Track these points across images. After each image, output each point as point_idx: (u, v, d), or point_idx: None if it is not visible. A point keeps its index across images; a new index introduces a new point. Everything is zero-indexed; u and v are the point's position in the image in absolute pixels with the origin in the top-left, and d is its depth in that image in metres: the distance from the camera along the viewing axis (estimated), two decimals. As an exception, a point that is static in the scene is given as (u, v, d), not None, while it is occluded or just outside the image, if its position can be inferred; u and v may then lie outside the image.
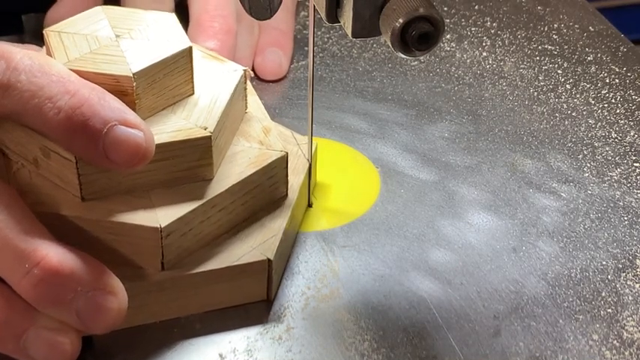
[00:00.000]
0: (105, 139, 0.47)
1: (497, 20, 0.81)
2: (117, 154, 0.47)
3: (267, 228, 0.55)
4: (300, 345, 0.52)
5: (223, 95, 0.54)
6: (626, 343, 0.53)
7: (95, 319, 0.47)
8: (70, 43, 0.52)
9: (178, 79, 0.53)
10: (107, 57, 0.51)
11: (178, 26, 0.54)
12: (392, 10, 0.46)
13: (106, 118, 0.47)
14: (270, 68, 0.72)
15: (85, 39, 0.52)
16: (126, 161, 0.48)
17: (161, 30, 0.54)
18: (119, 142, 0.47)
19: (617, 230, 0.60)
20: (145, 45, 0.52)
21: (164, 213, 0.51)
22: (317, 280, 0.56)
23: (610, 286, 0.56)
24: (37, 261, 0.47)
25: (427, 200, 0.62)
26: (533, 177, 0.64)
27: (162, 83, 0.52)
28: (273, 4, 0.53)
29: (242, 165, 0.54)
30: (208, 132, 0.52)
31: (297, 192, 0.57)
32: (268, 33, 0.73)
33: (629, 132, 0.69)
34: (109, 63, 0.51)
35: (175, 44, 0.53)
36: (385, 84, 0.73)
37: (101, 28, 0.53)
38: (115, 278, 0.48)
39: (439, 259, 0.57)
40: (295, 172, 0.58)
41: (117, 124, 0.47)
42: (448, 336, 0.52)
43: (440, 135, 0.68)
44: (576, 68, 0.75)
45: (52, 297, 0.47)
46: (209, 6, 0.69)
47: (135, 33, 0.53)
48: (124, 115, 0.48)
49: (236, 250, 0.53)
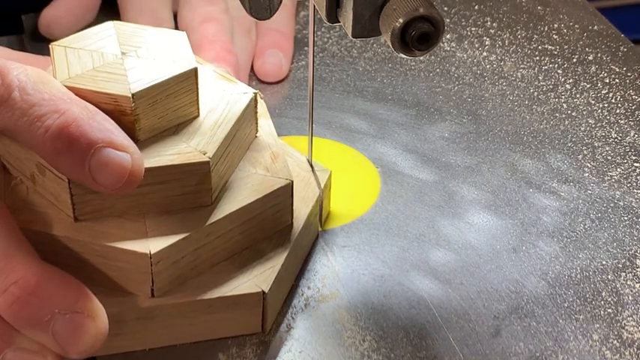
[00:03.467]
0: (91, 160, 0.46)
1: (497, 20, 0.81)
2: (102, 177, 0.46)
3: (266, 258, 0.53)
4: (300, 345, 0.52)
5: (229, 119, 0.52)
6: (626, 343, 0.53)
7: (72, 342, 0.46)
8: (74, 58, 0.51)
9: (182, 101, 0.51)
10: (109, 75, 0.50)
11: (187, 46, 0.53)
12: (392, 10, 0.46)
13: (92, 139, 0.46)
14: (271, 70, 0.72)
15: (90, 55, 0.51)
16: (111, 184, 0.46)
17: (169, 49, 0.52)
18: (104, 164, 0.46)
19: (617, 230, 0.60)
20: (149, 64, 0.51)
21: (156, 239, 0.49)
22: (317, 280, 0.56)
23: (610, 286, 0.56)
24: (16, 279, 0.46)
25: (427, 200, 0.62)
26: (533, 177, 0.64)
27: (164, 104, 0.50)
28: (273, 4, 0.53)
29: (244, 192, 0.52)
30: (207, 157, 0.50)
31: (303, 221, 0.55)
32: (268, 35, 0.73)
33: (629, 132, 0.69)
34: (110, 82, 0.49)
35: (180, 65, 0.51)
36: (385, 84, 0.73)
37: (108, 45, 0.52)
38: (96, 301, 0.47)
39: (439, 259, 0.57)
40: (305, 200, 0.56)
41: (103, 146, 0.46)
42: (448, 336, 0.52)
43: (440, 135, 0.68)
44: (576, 68, 0.75)
45: (29, 317, 0.46)
46: (207, 32, 0.69)
47: (142, 51, 0.52)
48: (112, 137, 0.46)
49: (232, 280, 0.51)
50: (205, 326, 0.51)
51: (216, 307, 0.51)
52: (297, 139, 0.65)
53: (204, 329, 0.51)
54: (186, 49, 0.52)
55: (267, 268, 0.52)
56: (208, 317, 0.51)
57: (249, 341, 0.52)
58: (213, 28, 0.69)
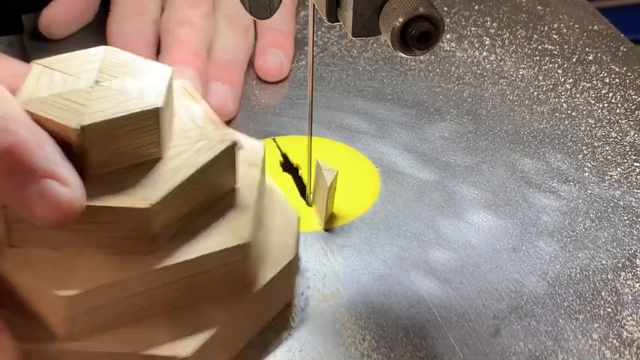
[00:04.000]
0: (29, 188, 0.43)
1: (497, 20, 0.81)
2: (38, 208, 0.43)
3: (204, 321, 0.48)
4: (300, 345, 0.52)
5: (193, 165, 0.49)
6: (626, 343, 0.53)
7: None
8: (45, 80, 0.48)
9: (142, 140, 0.48)
10: (70, 103, 0.47)
11: (166, 84, 0.49)
12: (392, 9, 0.46)
13: (35, 166, 0.43)
14: (272, 69, 0.72)
15: (63, 79, 0.49)
16: (45, 217, 0.43)
17: (145, 83, 0.49)
18: (42, 196, 0.43)
19: (617, 230, 0.60)
20: (116, 97, 0.48)
21: (81, 280, 0.46)
22: (317, 280, 0.56)
23: (610, 285, 0.56)
24: None
25: (427, 200, 0.62)
26: (533, 177, 0.64)
27: (120, 141, 0.47)
28: (273, 3, 0.53)
29: (195, 245, 0.48)
30: (148, 204, 0.46)
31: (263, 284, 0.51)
32: (269, 34, 0.73)
33: (629, 132, 0.69)
34: (66, 110, 0.46)
35: (145, 102, 0.48)
36: (385, 84, 0.73)
37: (88, 71, 0.49)
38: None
39: (439, 259, 0.57)
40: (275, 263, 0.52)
41: (44, 176, 0.43)
42: (448, 335, 0.52)
43: (440, 135, 0.68)
44: (576, 68, 0.75)
45: None
46: (180, 35, 0.69)
47: (116, 82, 0.49)
48: (56, 169, 0.44)
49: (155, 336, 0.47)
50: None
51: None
52: (296, 139, 0.66)
53: None
54: (163, 85, 0.49)
55: (200, 331, 0.48)
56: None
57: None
58: (187, 32, 0.69)
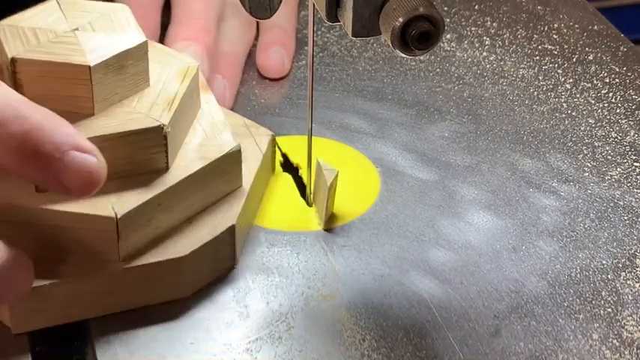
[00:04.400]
0: (58, 165, 0.46)
1: (497, 20, 0.81)
2: (70, 180, 0.46)
3: (222, 211, 0.55)
4: (300, 345, 0.52)
5: (179, 89, 0.55)
6: (626, 343, 0.53)
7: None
8: (25, 34, 0.52)
9: (136, 70, 0.53)
10: (65, 46, 0.51)
11: (133, 19, 0.55)
12: (392, 9, 0.46)
13: (58, 143, 0.46)
14: (274, 66, 0.72)
15: (42, 31, 0.52)
16: (80, 187, 0.47)
17: (117, 23, 0.54)
18: (72, 168, 0.46)
19: (617, 230, 0.60)
20: (101, 37, 0.53)
21: (121, 202, 0.51)
22: (317, 280, 0.56)
23: (610, 285, 0.56)
24: None
25: (427, 200, 0.62)
26: (533, 177, 0.64)
27: (118, 76, 0.52)
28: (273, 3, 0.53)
29: (195, 158, 0.55)
30: (163, 123, 0.52)
31: (249, 184, 0.57)
32: (272, 31, 0.73)
33: (629, 132, 0.69)
34: (67, 53, 0.51)
35: (133, 37, 0.53)
36: (385, 84, 0.73)
37: (56, 21, 0.53)
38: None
39: (439, 259, 0.57)
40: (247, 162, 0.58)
41: (70, 150, 0.46)
42: (448, 336, 0.52)
43: (440, 135, 0.68)
44: (576, 68, 0.75)
45: None
46: (191, 8, 0.69)
47: (91, 26, 0.53)
48: (78, 141, 0.47)
49: (198, 233, 0.54)
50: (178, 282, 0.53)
51: (189, 261, 0.52)
52: (296, 139, 0.65)
53: (177, 287, 0.53)
54: (132, 21, 0.55)
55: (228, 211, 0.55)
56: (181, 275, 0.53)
57: (250, 341, 0.52)
58: (199, 5, 0.69)
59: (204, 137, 0.56)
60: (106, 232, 0.50)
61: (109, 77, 0.52)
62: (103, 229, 0.50)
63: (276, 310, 0.53)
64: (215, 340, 0.52)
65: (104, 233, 0.50)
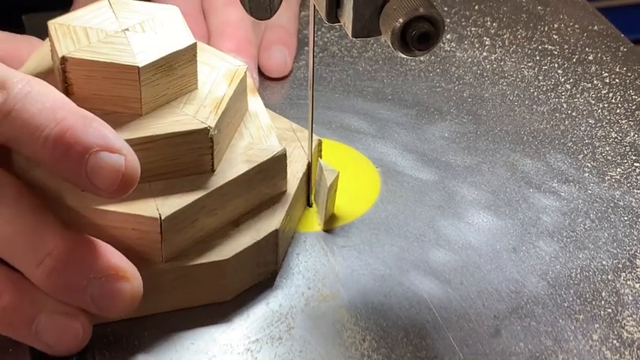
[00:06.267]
0: (87, 165, 0.47)
1: (497, 20, 0.81)
2: (99, 180, 0.47)
3: (266, 216, 0.55)
4: (301, 345, 0.52)
5: (227, 91, 0.54)
6: (626, 343, 0.53)
7: (109, 305, 0.48)
8: (75, 33, 0.52)
9: (184, 74, 0.53)
10: (114, 46, 0.52)
11: (183, 20, 0.55)
12: (392, 9, 0.46)
13: (88, 144, 0.47)
14: (276, 66, 0.72)
15: (92, 31, 0.53)
16: (107, 187, 0.47)
17: (168, 24, 0.54)
18: (100, 167, 0.47)
19: (617, 230, 0.60)
20: (151, 38, 0.53)
21: (165, 203, 0.51)
22: (317, 280, 0.56)
23: (610, 286, 0.56)
24: (49, 251, 0.47)
25: (427, 200, 0.62)
26: (533, 177, 0.64)
27: (167, 77, 0.52)
28: (273, 4, 0.53)
29: (240, 161, 0.54)
30: (210, 125, 0.52)
31: (295, 186, 0.57)
32: (274, 31, 0.73)
33: (629, 132, 0.69)
34: (117, 53, 0.51)
35: (182, 39, 0.53)
36: (385, 84, 0.73)
37: (107, 20, 0.54)
38: (128, 263, 0.49)
39: (439, 259, 0.57)
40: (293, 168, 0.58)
41: (98, 150, 0.47)
42: (448, 336, 0.53)
43: (440, 135, 0.68)
44: (576, 68, 0.75)
45: (66, 285, 0.48)
46: (230, 18, 0.70)
47: (143, 25, 0.54)
48: (108, 141, 0.47)
49: (240, 237, 0.53)
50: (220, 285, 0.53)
51: (231, 264, 0.52)
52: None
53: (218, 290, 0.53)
54: (181, 24, 0.54)
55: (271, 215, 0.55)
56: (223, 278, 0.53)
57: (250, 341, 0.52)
58: (236, 14, 0.70)
59: (251, 140, 0.56)
60: (149, 232, 0.50)
61: (158, 78, 0.52)
62: (147, 229, 0.50)
63: (277, 310, 0.54)
64: (215, 341, 0.52)
65: (148, 234, 0.50)
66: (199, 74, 0.54)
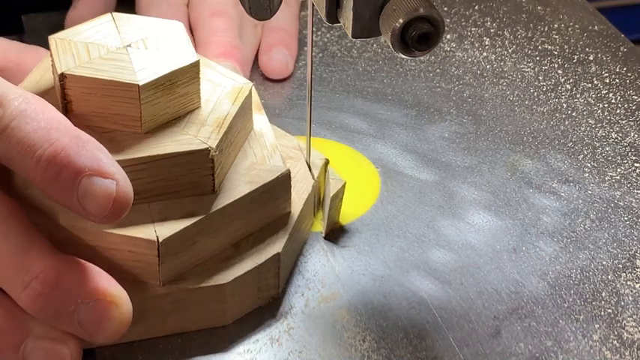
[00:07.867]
0: (78, 189, 0.45)
1: (497, 20, 0.81)
2: (90, 205, 0.46)
3: (267, 242, 0.53)
4: (301, 346, 0.52)
5: (230, 110, 0.53)
6: (626, 344, 0.53)
7: (98, 329, 0.47)
8: (76, 49, 0.51)
9: (185, 92, 0.52)
10: (115, 63, 0.50)
11: (186, 37, 0.54)
12: (392, 10, 0.46)
13: (79, 167, 0.45)
14: (277, 67, 0.72)
15: (93, 47, 0.52)
16: (97, 212, 0.46)
17: (170, 40, 0.53)
18: (90, 192, 0.45)
19: (617, 230, 0.60)
20: (153, 55, 0.51)
21: (163, 226, 0.50)
22: (317, 280, 0.56)
23: (610, 286, 0.56)
24: (36, 273, 0.46)
25: (427, 200, 0.62)
26: (533, 177, 0.64)
27: (168, 95, 0.51)
28: (273, 4, 0.53)
29: (243, 182, 0.53)
30: (211, 146, 0.50)
31: (300, 208, 0.56)
32: (275, 33, 0.73)
33: (629, 132, 0.69)
34: (117, 71, 0.50)
35: (185, 56, 0.52)
36: (385, 84, 0.73)
37: (109, 36, 0.52)
38: (118, 287, 0.47)
39: (439, 260, 0.57)
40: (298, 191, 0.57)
41: (90, 175, 0.45)
42: (448, 336, 0.52)
43: (440, 135, 0.68)
44: (576, 68, 0.75)
45: (53, 309, 0.46)
46: (216, 27, 0.70)
47: (145, 42, 0.52)
48: (100, 165, 0.46)
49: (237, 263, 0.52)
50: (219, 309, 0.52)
51: (230, 289, 0.51)
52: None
53: (217, 314, 0.52)
54: (186, 39, 0.53)
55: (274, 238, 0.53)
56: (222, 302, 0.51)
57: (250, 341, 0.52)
58: (222, 24, 0.70)
59: (254, 160, 0.54)
60: (147, 255, 0.49)
61: (159, 97, 0.50)
62: (144, 252, 0.49)
63: (276, 311, 0.53)
64: (216, 341, 0.52)
65: (145, 256, 0.49)
66: (203, 92, 0.53)
